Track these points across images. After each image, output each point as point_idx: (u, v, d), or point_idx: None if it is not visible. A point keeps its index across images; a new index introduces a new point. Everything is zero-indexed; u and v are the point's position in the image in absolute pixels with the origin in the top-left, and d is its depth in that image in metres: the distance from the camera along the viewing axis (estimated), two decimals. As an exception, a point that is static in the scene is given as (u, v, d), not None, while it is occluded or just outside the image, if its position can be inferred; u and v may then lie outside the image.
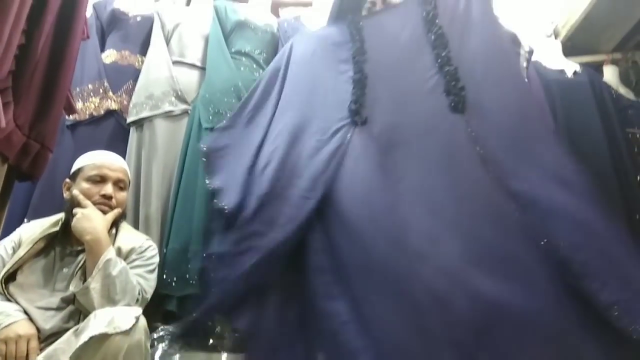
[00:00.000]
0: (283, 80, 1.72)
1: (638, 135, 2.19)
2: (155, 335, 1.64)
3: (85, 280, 1.35)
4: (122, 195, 1.55)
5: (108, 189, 1.50)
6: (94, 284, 1.33)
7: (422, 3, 1.70)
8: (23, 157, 1.02)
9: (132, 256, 1.51)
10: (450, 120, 1.47)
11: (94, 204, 1.46)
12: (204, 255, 1.56)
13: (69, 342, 1.22)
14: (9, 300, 1.37)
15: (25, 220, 1.74)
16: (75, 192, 1.48)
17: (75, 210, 1.43)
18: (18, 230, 1.55)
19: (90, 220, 1.41)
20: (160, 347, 1.63)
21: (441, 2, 1.69)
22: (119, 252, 1.48)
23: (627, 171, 2.08)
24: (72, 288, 1.37)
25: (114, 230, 1.53)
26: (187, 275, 1.71)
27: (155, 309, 1.68)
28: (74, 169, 1.57)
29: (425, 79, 1.56)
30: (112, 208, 1.50)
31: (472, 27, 1.63)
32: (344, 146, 1.47)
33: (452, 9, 1.67)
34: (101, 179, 1.52)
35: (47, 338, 1.32)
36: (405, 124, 1.48)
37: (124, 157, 1.81)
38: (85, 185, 1.51)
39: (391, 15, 1.75)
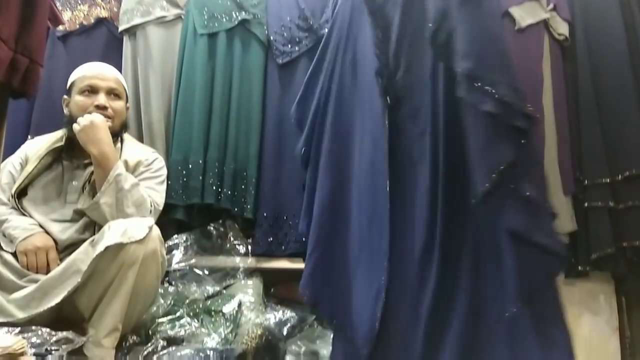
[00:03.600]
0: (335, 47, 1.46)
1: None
2: (170, 243, 1.71)
3: (94, 195, 1.37)
4: (118, 104, 1.52)
5: (101, 98, 1.48)
6: (105, 198, 1.35)
7: None
8: (13, 74, 0.99)
9: (139, 169, 1.52)
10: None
11: None
12: None
13: (86, 252, 1.27)
14: (23, 214, 1.42)
15: (29, 137, 1.74)
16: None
17: (79, 119, 1.41)
18: (23, 147, 1.57)
19: (95, 130, 1.40)
20: (177, 254, 1.70)
21: None
22: (125, 165, 1.49)
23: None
24: (80, 205, 1.40)
25: (119, 144, 1.53)
26: (190, 185, 1.74)
27: (169, 219, 1.73)
28: (68, 83, 1.55)
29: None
30: (109, 117, 1.48)
31: None
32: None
33: None
34: (93, 90, 1.50)
35: (65, 249, 1.38)
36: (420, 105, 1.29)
37: (120, 67, 1.77)
38: (79, 98, 1.49)
39: None
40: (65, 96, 1.55)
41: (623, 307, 2.00)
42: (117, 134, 1.51)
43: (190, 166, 1.76)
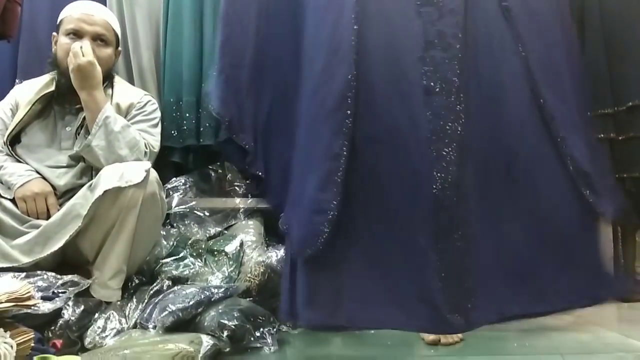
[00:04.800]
0: None
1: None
2: (169, 186, 1.70)
3: None
4: (103, 51, 1.46)
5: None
6: (96, 141, 1.33)
7: None
8: (-10, 13, 0.94)
9: (132, 112, 1.49)
10: None
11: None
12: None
13: (85, 197, 1.27)
14: (18, 161, 1.40)
15: (17, 81, 1.69)
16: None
17: (72, 64, 1.36)
18: (12, 92, 1.53)
19: (84, 73, 1.35)
20: (176, 196, 1.70)
21: None
22: (117, 108, 1.46)
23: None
24: (76, 148, 1.39)
25: (110, 91, 1.49)
26: (185, 127, 1.70)
27: (166, 162, 1.72)
28: (58, 20, 1.49)
29: None
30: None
31: None
32: None
33: None
34: (77, 34, 1.43)
35: (63, 194, 1.38)
36: None
37: (104, 4, 1.66)
38: (63, 40, 1.43)
39: None
40: (54, 33, 1.49)
41: (618, 236, 2.04)
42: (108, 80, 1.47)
43: (183, 106, 1.70)
